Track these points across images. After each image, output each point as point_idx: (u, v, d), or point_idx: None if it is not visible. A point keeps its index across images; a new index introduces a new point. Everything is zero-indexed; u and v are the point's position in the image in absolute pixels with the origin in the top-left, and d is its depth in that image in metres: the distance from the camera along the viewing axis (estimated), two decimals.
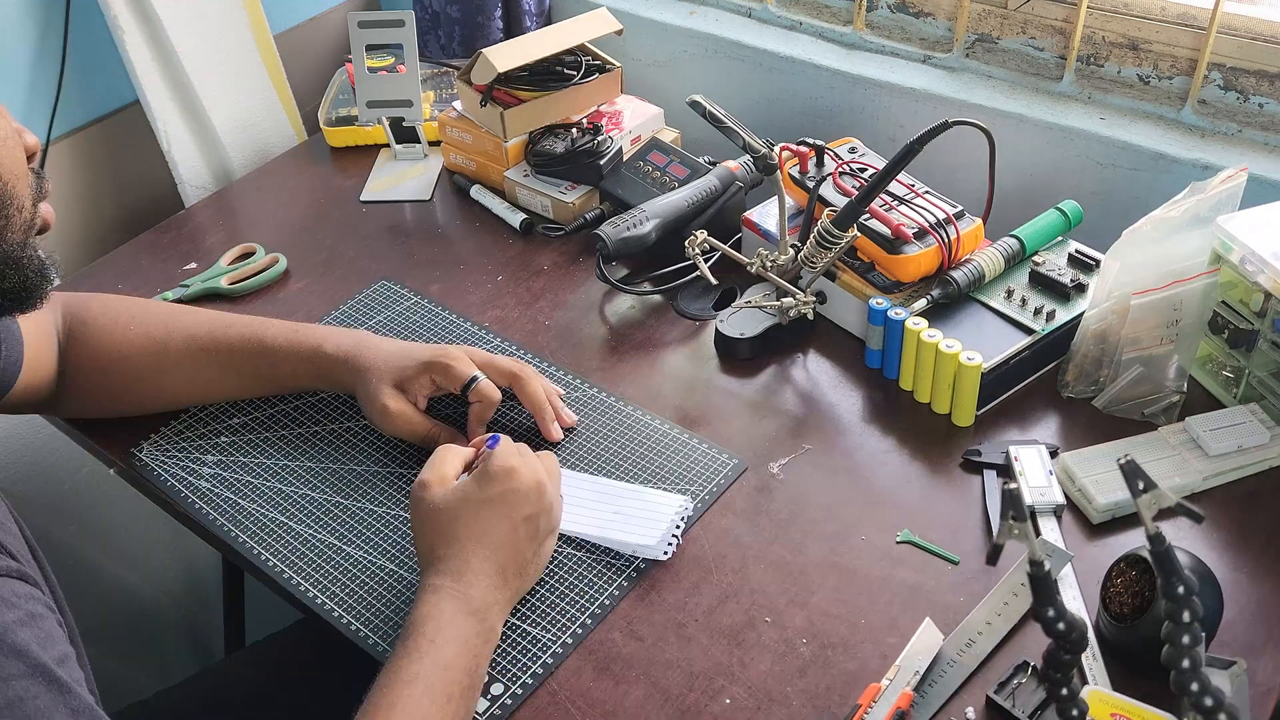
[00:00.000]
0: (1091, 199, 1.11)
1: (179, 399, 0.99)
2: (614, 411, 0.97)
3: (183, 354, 0.94)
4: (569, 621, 0.80)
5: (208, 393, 0.98)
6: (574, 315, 1.09)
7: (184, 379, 0.96)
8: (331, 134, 1.36)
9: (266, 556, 0.87)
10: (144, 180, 1.39)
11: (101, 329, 0.94)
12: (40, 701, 0.55)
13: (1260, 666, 0.74)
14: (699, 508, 0.88)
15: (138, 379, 0.95)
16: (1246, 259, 0.87)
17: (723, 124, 1.00)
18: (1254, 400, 0.91)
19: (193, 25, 1.28)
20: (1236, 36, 1.06)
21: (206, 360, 0.95)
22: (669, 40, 1.37)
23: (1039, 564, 0.63)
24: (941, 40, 1.25)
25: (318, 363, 0.93)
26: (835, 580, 0.82)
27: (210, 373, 0.95)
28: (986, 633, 0.77)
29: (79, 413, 0.99)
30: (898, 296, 0.99)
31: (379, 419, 0.91)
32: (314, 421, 0.98)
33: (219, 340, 0.95)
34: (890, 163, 0.94)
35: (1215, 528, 0.84)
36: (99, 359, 0.94)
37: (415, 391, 0.91)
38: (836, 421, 0.96)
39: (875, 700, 0.73)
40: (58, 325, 0.94)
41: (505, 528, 0.77)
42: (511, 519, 0.77)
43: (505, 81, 1.23)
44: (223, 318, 0.97)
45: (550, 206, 1.22)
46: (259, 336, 0.95)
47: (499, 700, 0.75)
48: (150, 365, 0.94)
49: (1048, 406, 0.96)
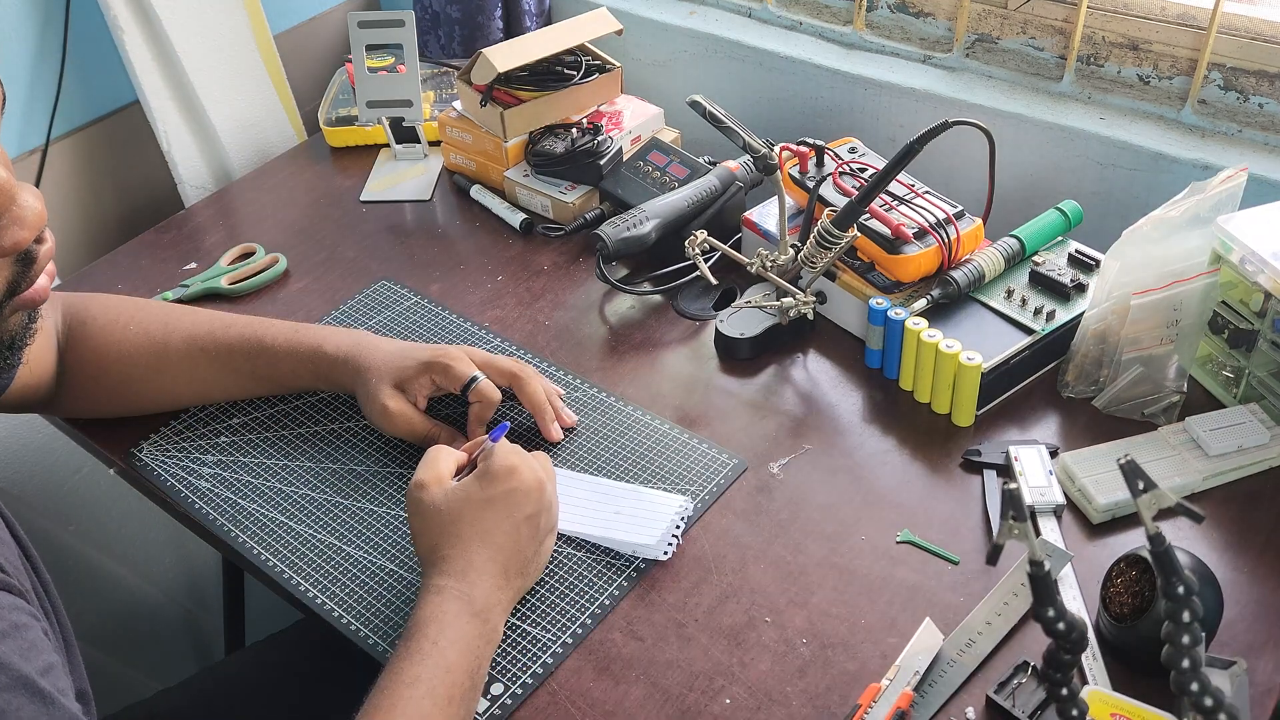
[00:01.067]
0: (1091, 199, 1.11)
1: (179, 399, 0.98)
2: (614, 411, 0.97)
3: (182, 353, 0.94)
4: (569, 621, 0.80)
5: (207, 392, 0.98)
6: (574, 315, 1.09)
7: (183, 379, 0.95)
8: (331, 134, 1.36)
9: (266, 556, 0.87)
10: (144, 180, 1.39)
11: (101, 328, 0.94)
12: (24, 713, 0.54)
13: (1260, 666, 0.74)
14: (699, 508, 0.88)
15: (137, 378, 0.95)
16: (1246, 259, 0.87)
17: (723, 124, 1.00)
18: (1254, 400, 0.91)
19: (193, 25, 1.28)
20: (1236, 36, 1.06)
21: (206, 360, 0.95)
22: (669, 40, 1.37)
23: (1039, 564, 0.63)
24: (941, 40, 1.25)
25: (317, 363, 0.93)
26: (835, 580, 0.82)
27: (209, 372, 0.95)
28: (986, 633, 0.77)
29: (78, 412, 0.98)
30: (898, 296, 0.99)
31: (379, 419, 0.91)
32: (314, 421, 0.98)
33: (219, 340, 0.95)
34: (890, 163, 0.94)
35: (1215, 528, 0.84)
36: (98, 358, 0.94)
37: (415, 391, 0.91)
38: (836, 421, 0.96)
39: (875, 700, 0.73)
40: (57, 324, 0.94)
41: (508, 526, 0.77)
42: (514, 518, 0.77)
43: (505, 81, 1.23)
44: (223, 318, 0.97)
45: (550, 206, 1.22)
46: (258, 336, 0.95)
47: (499, 700, 0.75)
48: (150, 365, 0.94)
49: (1048, 406, 0.96)
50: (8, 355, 0.64)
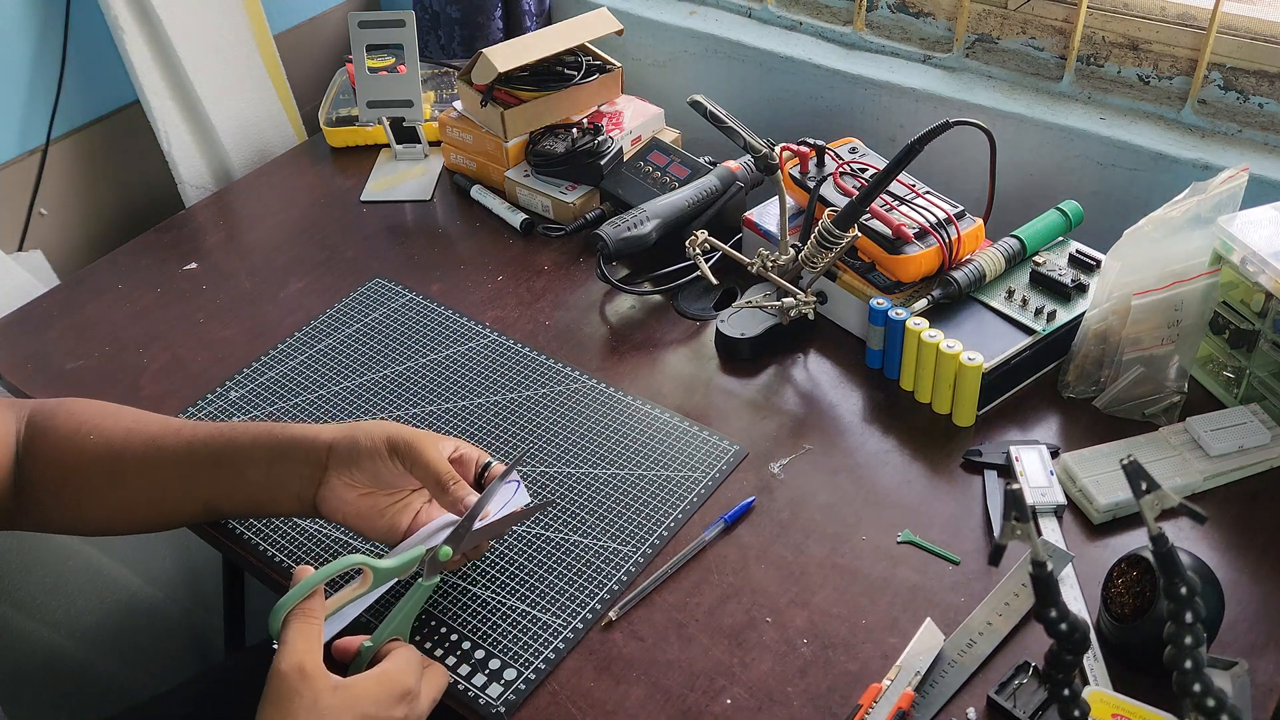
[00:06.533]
0: (1091, 199, 1.11)
1: (133, 516, 0.84)
2: (614, 401, 0.98)
3: (141, 457, 0.82)
4: (579, 607, 0.81)
5: (167, 493, 0.83)
6: (574, 315, 1.09)
7: (142, 485, 0.82)
8: (331, 134, 1.36)
9: (273, 553, 0.87)
10: (144, 180, 1.39)
11: (61, 439, 0.83)
12: None
13: (1261, 667, 0.74)
14: (702, 494, 0.89)
15: (95, 491, 0.82)
16: (1247, 259, 0.87)
17: (723, 124, 1.00)
18: (1255, 400, 0.91)
19: (193, 25, 1.28)
20: (1236, 36, 1.06)
21: (163, 460, 0.81)
22: (669, 40, 1.37)
23: (1041, 564, 0.63)
24: (941, 40, 1.25)
25: (281, 434, 0.81)
26: (836, 580, 0.82)
27: (167, 473, 0.82)
28: (988, 633, 0.77)
29: (40, 529, 0.86)
30: (898, 297, 0.99)
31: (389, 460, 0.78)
32: (314, 421, 0.98)
33: (182, 436, 0.82)
34: (891, 163, 0.94)
35: (1216, 528, 0.84)
36: (58, 471, 0.82)
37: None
38: (837, 422, 0.96)
39: (876, 701, 0.72)
40: (19, 434, 0.84)
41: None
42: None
43: (505, 81, 1.23)
44: (198, 423, 0.85)
45: (551, 206, 1.21)
46: (229, 428, 0.83)
47: (512, 685, 0.76)
48: (106, 474, 0.82)
49: (1048, 407, 0.96)
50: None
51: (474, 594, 0.82)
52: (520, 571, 0.84)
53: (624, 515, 0.88)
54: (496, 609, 0.81)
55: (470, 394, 1.00)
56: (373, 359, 1.04)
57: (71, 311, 1.14)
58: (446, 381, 1.01)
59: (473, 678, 0.77)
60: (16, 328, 1.12)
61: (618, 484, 0.90)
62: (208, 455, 0.81)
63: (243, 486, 0.81)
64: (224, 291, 1.15)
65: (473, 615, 0.81)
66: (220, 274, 1.18)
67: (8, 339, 1.11)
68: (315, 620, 0.68)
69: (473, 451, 0.82)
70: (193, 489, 0.82)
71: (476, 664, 0.78)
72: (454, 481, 0.77)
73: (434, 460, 0.77)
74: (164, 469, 0.82)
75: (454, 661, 0.78)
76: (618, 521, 0.87)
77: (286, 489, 0.79)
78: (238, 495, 0.81)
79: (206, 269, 1.18)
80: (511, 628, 0.80)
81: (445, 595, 0.83)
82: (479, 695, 0.76)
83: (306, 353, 1.06)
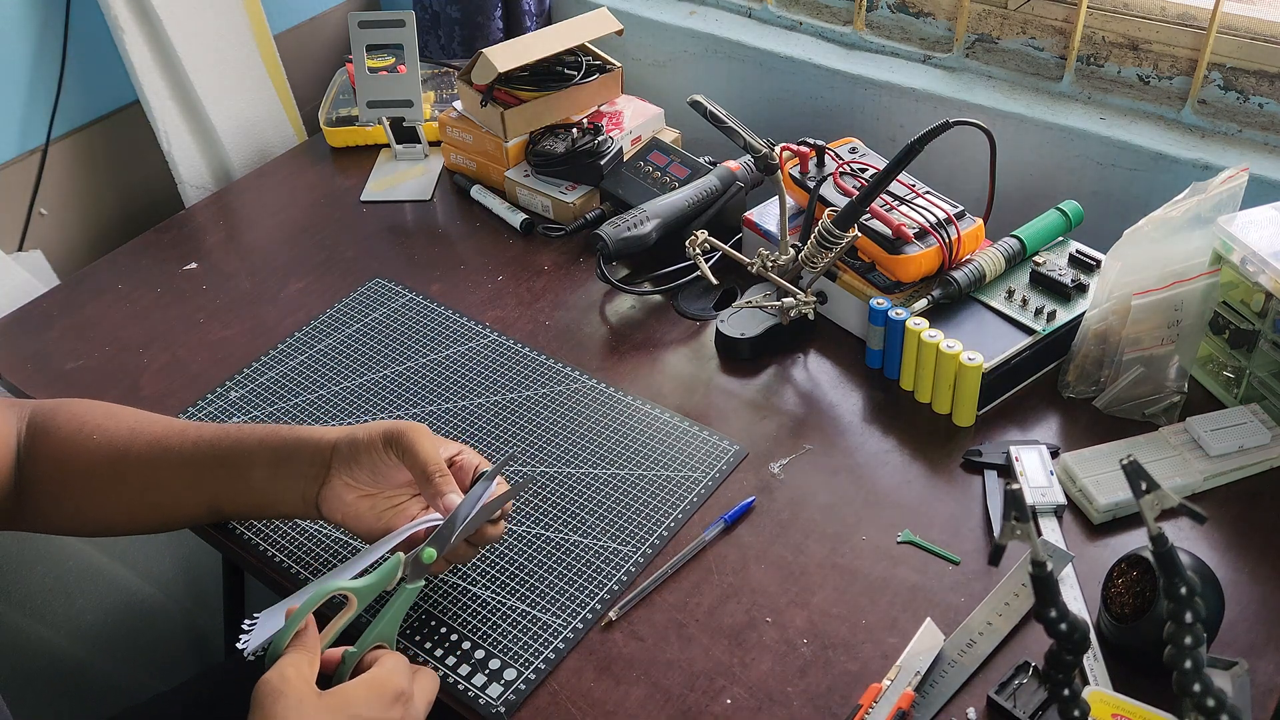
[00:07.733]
0: (1091, 199, 1.11)
1: (135, 517, 0.84)
2: (614, 401, 0.98)
3: (146, 458, 0.82)
4: (579, 607, 0.81)
5: (170, 494, 0.83)
6: (574, 315, 1.09)
7: (146, 485, 0.82)
8: (331, 134, 1.36)
9: (273, 554, 0.87)
10: (144, 180, 1.39)
11: (63, 439, 0.83)
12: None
13: (1261, 667, 0.74)
14: (702, 494, 0.89)
15: (98, 491, 0.83)
16: (1247, 259, 0.87)
17: (723, 124, 1.00)
18: (1255, 400, 0.91)
19: (193, 25, 1.28)
20: (1236, 36, 1.06)
21: (168, 461, 0.81)
22: (669, 40, 1.37)
23: (1041, 564, 0.63)
24: (941, 40, 1.25)
25: (286, 434, 0.81)
26: (836, 580, 0.82)
27: (172, 474, 0.82)
28: (987, 633, 0.77)
29: (41, 529, 0.87)
30: (898, 297, 0.99)
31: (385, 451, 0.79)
32: (314, 421, 0.98)
33: (187, 437, 0.82)
34: (891, 163, 0.94)
35: (1216, 528, 0.84)
36: (61, 472, 0.82)
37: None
38: (837, 422, 0.96)
39: (876, 701, 0.73)
40: (20, 434, 0.84)
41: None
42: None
43: (505, 81, 1.23)
44: (202, 424, 0.85)
45: (551, 206, 1.21)
46: (233, 429, 0.83)
47: (513, 685, 0.76)
48: (109, 475, 0.82)
49: (1048, 407, 0.96)
50: None
51: (474, 594, 0.83)
52: (520, 571, 0.84)
53: (624, 515, 0.88)
54: (496, 609, 0.81)
55: (470, 394, 1.00)
56: (373, 359, 1.04)
57: (71, 311, 1.14)
58: (446, 381, 1.01)
59: (473, 678, 0.77)
60: (16, 328, 1.12)
61: (618, 484, 0.90)
62: (213, 456, 0.81)
63: (247, 488, 0.81)
64: (224, 291, 1.15)
65: (473, 615, 0.81)
66: (220, 274, 1.18)
67: (8, 339, 1.11)
68: (308, 649, 0.68)
69: (473, 458, 0.82)
70: (198, 490, 0.82)
71: (476, 664, 0.78)
72: (440, 475, 0.76)
73: (424, 450, 0.77)
74: (169, 470, 0.82)
75: (454, 661, 0.78)
76: (618, 521, 0.87)
77: (291, 489, 0.79)
78: (242, 496, 0.81)
79: (206, 269, 1.18)
80: (511, 628, 0.80)
81: (445, 595, 0.83)
82: (479, 695, 0.76)
83: (306, 353, 1.06)
